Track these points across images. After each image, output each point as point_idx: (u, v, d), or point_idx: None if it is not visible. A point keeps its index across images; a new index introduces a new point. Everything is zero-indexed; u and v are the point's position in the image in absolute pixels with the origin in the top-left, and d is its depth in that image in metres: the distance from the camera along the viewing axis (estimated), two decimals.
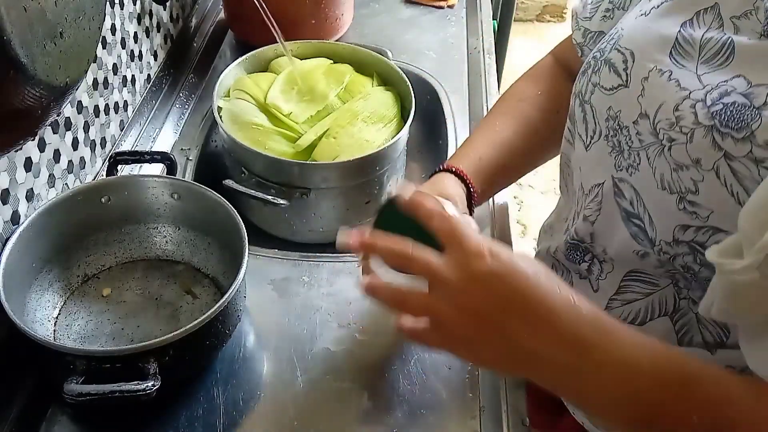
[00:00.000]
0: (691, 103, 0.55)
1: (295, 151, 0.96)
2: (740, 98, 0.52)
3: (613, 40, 0.65)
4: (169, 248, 0.88)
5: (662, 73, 0.58)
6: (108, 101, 0.98)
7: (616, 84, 0.62)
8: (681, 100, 0.56)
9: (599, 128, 0.64)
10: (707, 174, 0.54)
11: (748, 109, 0.51)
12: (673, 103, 0.56)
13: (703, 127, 0.54)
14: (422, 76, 1.22)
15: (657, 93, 0.58)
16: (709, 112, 0.53)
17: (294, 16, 1.18)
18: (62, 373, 0.65)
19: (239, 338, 0.80)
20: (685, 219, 0.56)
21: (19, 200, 0.78)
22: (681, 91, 0.56)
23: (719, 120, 0.53)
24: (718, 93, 0.54)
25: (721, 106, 0.53)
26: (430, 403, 0.75)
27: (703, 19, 0.58)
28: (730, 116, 0.52)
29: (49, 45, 0.60)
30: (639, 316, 0.62)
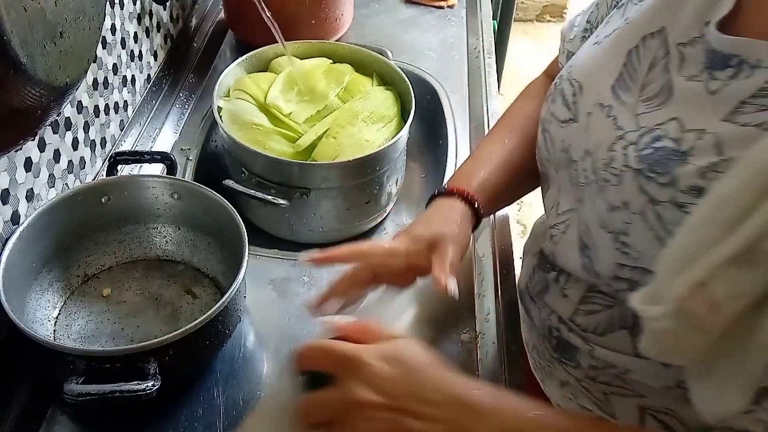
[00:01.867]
0: (624, 144, 0.55)
1: (295, 151, 0.96)
2: (670, 143, 0.52)
3: (568, 70, 0.65)
4: (169, 248, 0.88)
5: (603, 109, 0.58)
6: (108, 101, 0.98)
7: (567, 117, 0.62)
8: (616, 140, 0.56)
9: (558, 158, 0.64)
10: (635, 217, 0.54)
11: (675, 155, 0.52)
12: (609, 143, 0.57)
13: (631, 171, 0.54)
14: (422, 76, 1.22)
15: (598, 131, 0.58)
16: (639, 155, 0.54)
17: (294, 16, 1.18)
18: (62, 373, 0.65)
19: (239, 338, 0.80)
20: (620, 258, 0.56)
21: (19, 200, 0.78)
22: (617, 131, 0.56)
23: (647, 164, 0.53)
24: (650, 137, 0.54)
25: (652, 150, 0.53)
26: None
27: (649, 46, 0.57)
28: (656, 161, 0.52)
29: (49, 45, 0.60)
30: (600, 327, 0.63)
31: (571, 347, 0.66)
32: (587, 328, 0.64)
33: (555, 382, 0.72)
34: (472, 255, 0.92)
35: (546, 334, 0.70)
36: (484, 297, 0.87)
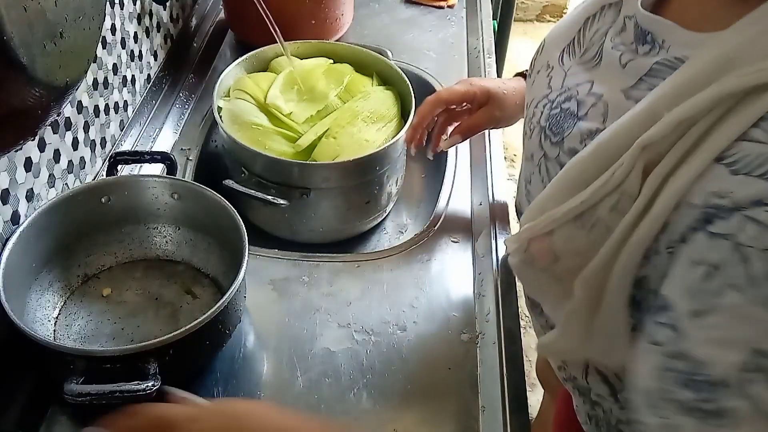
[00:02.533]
0: (545, 103, 0.60)
1: (295, 151, 0.96)
2: (573, 105, 0.56)
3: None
4: (169, 248, 0.88)
5: (546, 69, 0.63)
6: (108, 101, 0.98)
7: (530, 74, 0.68)
8: (541, 98, 0.61)
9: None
10: (534, 168, 0.59)
11: (571, 117, 0.55)
12: (537, 101, 0.61)
13: (538, 127, 0.59)
14: (422, 76, 1.22)
15: (536, 89, 0.63)
16: (548, 115, 0.58)
17: (294, 16, 1.18)
18: (62, 373, 0.65)
19: (239, 338, 0.80)
20: (525, 203, 0.61)
21: (19, 200, 0.78)
22: (545, 90, 0.61)
23: (549, 123, 0.58)
24: (564, 97, 0.57)
25: (558, 110, 0.57)
26: (430, 403, 0.75)
27: (605, 15, 0.59)
28: (557, 121, 0.57)
29: (49, 45, 0.60)
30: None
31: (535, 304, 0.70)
32: None
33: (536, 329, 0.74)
34: (472, 255, 0.92)
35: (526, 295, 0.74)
36: (484, 297, 0.87)
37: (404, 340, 0.81)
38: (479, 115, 0.90)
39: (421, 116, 0.92)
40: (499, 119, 0.91)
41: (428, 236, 0.95)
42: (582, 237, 0.48)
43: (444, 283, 0.88)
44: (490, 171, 1.05)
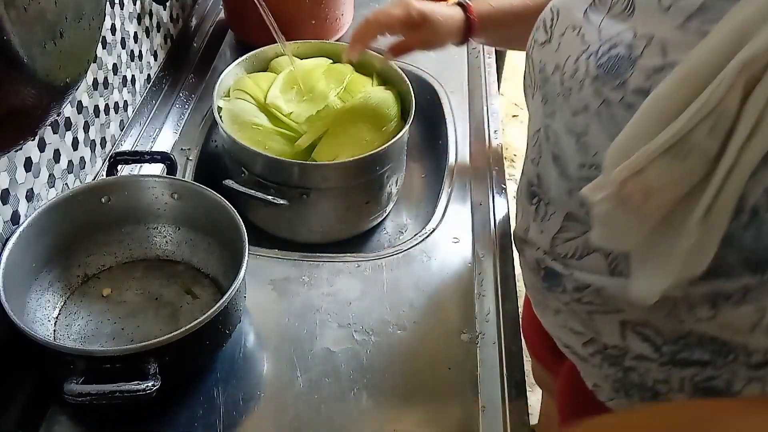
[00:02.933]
0: (587, 55, 0.61)
1: (295, 151, 0.96)
2: (623, 50, 0.57)
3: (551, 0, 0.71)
4: (169, 248, 0.88)
5: (574, 29, 0.64)
6: (108, 101, 0.98)
7: (543, 40, 0.68)
8: (581, 53, 0.62)
9: (536, 80, 0.70)
10: (593, 118, 0.60)
11: (625, 60, 0.57)
12: (575, 56, 0.62)
13: (590, 77, 0.60)
14: (422, 76, 1.22)
15: (567, 48, 0.64)
16: (597, 63, 0.59)
17: (294, 16, 1.18)
18: (62, 373, 0.65)
19: (239, 338, 0.80)
20: (581, 158, 0.62)
21: (19, 200, 0.78)
22: (583, 45, 0.62)
23: (603, 70, 0.59)
24: (608, 45, 0.59)
25: (607, 58, 0.58)
26: (430, 403, 0.75)
27: None
28: (611, 67, 0.58)
29: (49, 45, 0.60)
30: (577, 251, 0.68)
31: (556, 275, 0.72)
32: (566, 255, 0.69)
33: (550, 312, 0.77)
34: (472, 255, 0.92)
35: (536, 268, 0.75)
36: (484, 297, 0.87)
37: (404, 340, 0.81)
38: (413, 38, 0.94)
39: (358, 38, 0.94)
40: (432, 43, 0.95)
41: (428, 236, 0.95)
42: (676, 167, 0.50)
43: (444, 283, 0.88)
44: (490, 171, 1.05)
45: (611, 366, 0.72)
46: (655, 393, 0.71)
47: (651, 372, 0.69)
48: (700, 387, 0.67)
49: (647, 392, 0.71)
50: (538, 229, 0.73)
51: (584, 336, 0.73)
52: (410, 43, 0.94)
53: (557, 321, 0.76)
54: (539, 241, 0.73)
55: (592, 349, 0.73)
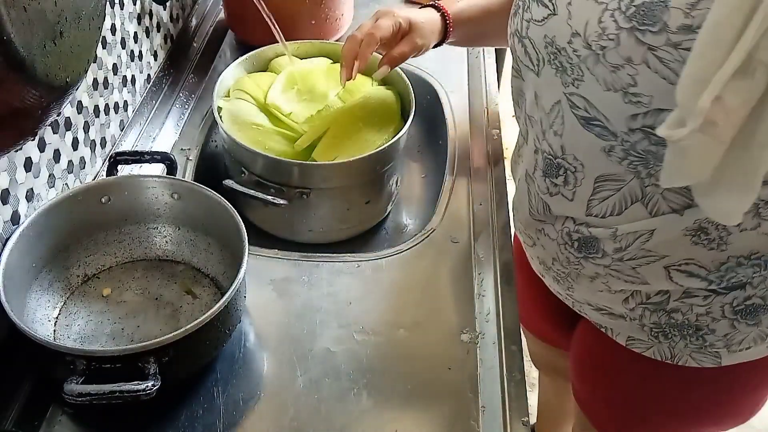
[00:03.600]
0: (610, 12, 0.62)
1: (295, 151, 0.96)
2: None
3: None
4: (169, 248, 0.88)
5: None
6: (108, 101, 0.98)
7: (546, 14, 0.69)
8: (602, 12, 0.63)
9: (541, 56, 0.71)
10: (639, 67, 0.61)
11: (656, 5, 0.59)
12: (596, 17, 0.64)
13: (625, 30, 0.61)
14: (422, 76, 1.22)
15: (581, 13, 0.65)
16: (626, 16, 0.61)
17: (294, 16, 1.18)
18: (62, 373, 0.65)
19: (239, 338, 0.80)
20: (632, 109, 0.63)
21: (19, 200, 0.78)
22: (599, 5, 0.63)
23: (636, 20, 0.60)
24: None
25: (634, 8, 0.60)
26: (430, 403, 0.75)
27: None
28: (644, 15, 0.60)
29: (49, 45, 0.60)
30: (615, 208, 0.72)
31: (593, 240, 0.75)
32: (605, 214, 0.73)
33: (584, 281, 0.81)
34: (472, 255, 0.92)
35: (566, 242, 0.78)
36: (484, 297, 0.87)
37: (404, 340, 0.81)
38: (405, 45, 0.94)
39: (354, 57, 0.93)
40: (420, 47, 0.95)
41: (428, 236, 0.95)
42: (746, 85, 0.53)
43: (444, 283, 0.88)
44: (490, 171, 1.05)
45: (653, 313, 0.79)
46: (697, 328, 0.78)
47: (694, 308, 0.76)
48: (739, 310, 0.75)
49: (689, 329, 0.78)
50: (565, 199, 0.76)
51: (624, 293, 0.79)
52: (404, 52, 0.94)
53: (592, 287, 0.81)
54: (570, 211, 0.76)
55: (633, 303, 0.79)
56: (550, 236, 0.81)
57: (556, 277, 0.85)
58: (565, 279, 0.84)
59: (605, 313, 0.84)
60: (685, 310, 0.77)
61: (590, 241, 0.76)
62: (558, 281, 0.85)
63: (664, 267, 0.73)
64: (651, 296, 0.78)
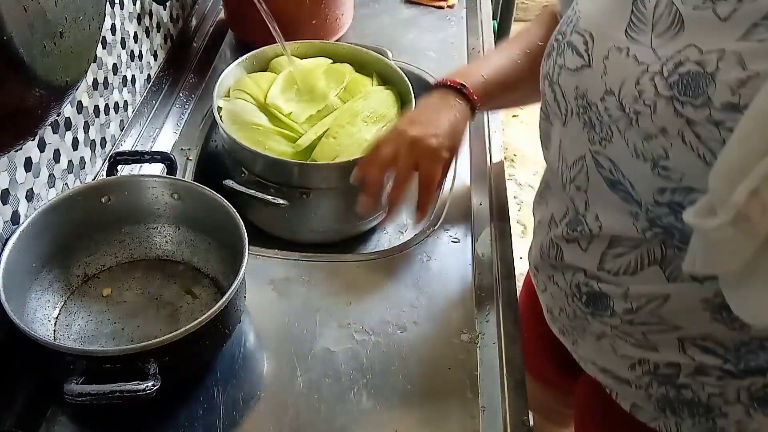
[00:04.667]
0: (650, 76, 0.58)
1: (295, 151, 0.96)
2: (693, 66, 0.55)
3: (572, 23, 0.68)
4: (169, 248, 0.88)
5: (620, 51, 0.61)
6: (108, 101, 0.98)
7: (579, 65, 0.65)
8: (641, 74, 0.59)
9: (570, 106, 0.67)
10: (674, 140, 0.56)
11: (701, 77, 0.54)
12: (634, 78, 0.59)
13: (663, 98, 0.57)
14: (422, 76, 1.22)
15: (618, 70, 0.61)
16: (667, 83, 0.56)
17: (294, 16, 1.18)
18: (62, 373, 0.65)
19: (239, 338, 0.80)
20: (661, 182, 0.59)
21: (19, 200, 0.78)
22: (639, 66, 0.59)
23: (677, 90, 0.56)
24: (673, 64, 0.56)
25: (677, 76, 0.56)
26: (430, 403, 0.75)
27: None
28: (686, 85, 0.55)
29: (49, 45, 0.60)
30: (630, 267, 0.67)
31: (603, 297, 0.70)
32: (618, 271, 0.68)
33: (590, 339, 0.76)
34: (472, 255, 0.92)
35: (574, 294, 0.74)
36: (484, 297, 0.87)
37: (404, 340, 0.81)
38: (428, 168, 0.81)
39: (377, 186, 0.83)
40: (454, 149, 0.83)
41: (428, 236, 0.95)
42: None
43: (444, 283, 0.88)
44: (490, 171, 1.05)
45: (661, 385, 0.72)
46: (708, 408, 0.71)
47: (706, 387, 0.69)
48: (757, 397, 0.68)
49: (699, 408, 0.71)
50: (579, 248, 0.71)
51: (631, 359, 0.73)
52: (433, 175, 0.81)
53: (599, 346, 0.75)
54: (582, 261, 0.71)
55: (641, 371, 0.73)
56: (559, 285, 0.77)
57: (562, 329, 0.81)
58: (570, 333, 0.79)
59: (610, 376, 0.78)
60: (696, 387, 0.70)
61: (600, 297, 0.71)
62: (564, 333, 0.81)
63: (679, 339, 0.68)
64: (660, 367, 0.71)
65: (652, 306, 0.67)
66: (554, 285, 0.77)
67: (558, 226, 0.75)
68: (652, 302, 0.67)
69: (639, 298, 0.67)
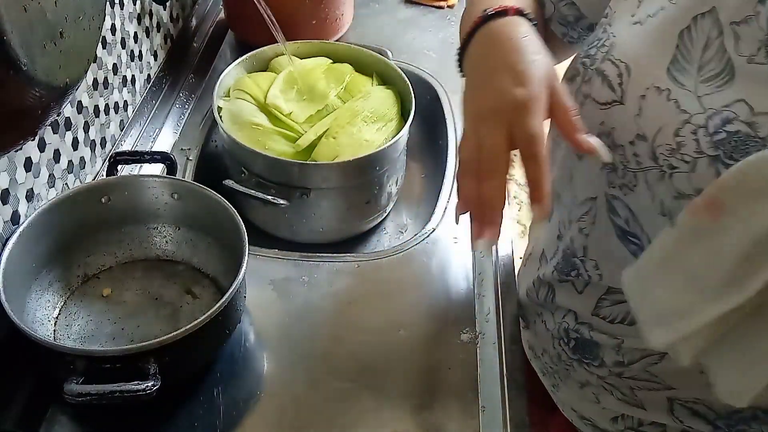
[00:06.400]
0: (692, 128, 0.52)
1: (295, 151, 0.96)
2: (743, 127, 0.50)
3: (605, 49, 0.61)
4: (169, 248, 0.88)
5: (660, 92, 0.55)
6: (108, 101, 0.98)
7: (609, 99, 0.58)
8: (681, 124, 0.53)
9: None
10: None
11: (752, 140, 0.49)
12: (673, 127, 0.53)
13: (706, 157, 0.51)
14: (422, 76, 1.22)
15: (655, 114, 0.55)
16: (713, 140, 0.51)
17: (294, 16, 1.18)
18: (62, 373, 0.65)
19: (239, 338, 0.80)
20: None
21: (19, 200, 0.78)
22: (681, 114, 0.53)
23: (724, 150, 0.50)
24: (720, 119, 0.51)
25: (725, 134, 0.50)
26: (430, 403, 0.75)
27: (701, 26, 0.54)
28: (734, 147, 0.50)
29: (49, 45, 0.60)
30: (628, 317, 0.62)
31: (593, 345, 0.66)
32: (614, 319, 0.63)
33: (572, 385, 0.72)
34: (472, 255, 0.92)
35: (562, 337, 0.70)
36: (484, 297, 0.86)
37: (404, 340, 0.81)
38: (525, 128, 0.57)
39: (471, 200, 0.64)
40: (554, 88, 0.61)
41: (428, 236, 0.95)
42: None
43: (444, 283, 0.88)
44: None
45: None
46: None
47: None
48: None
49: None
50: (574, 290, 0.66)
51: (614, 412, 0.69)
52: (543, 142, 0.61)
53: (581, 394, 0.72)
54: (575, 305, 0.67)
55: (623, 425, 0.69)
56: (546, 325, 0.72)
57: (542, 369, 0.77)
58: (552, 375, 0.75)
59: (589, 425, 0.74)
60: None
61: (589, 345, 0.66)
62: (544, 374, 0.77)
63: (668, 398, 0.64)
64: (644, 424, 0.67)
65: (645, 362, 0.63)
66: (541, 324, 0.74)
67: (548, 263, 0.69)
68: (647, 358, 0.62)
69: (633, 352, 0.63)
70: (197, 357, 0.74)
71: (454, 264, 0.91)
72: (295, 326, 0.82)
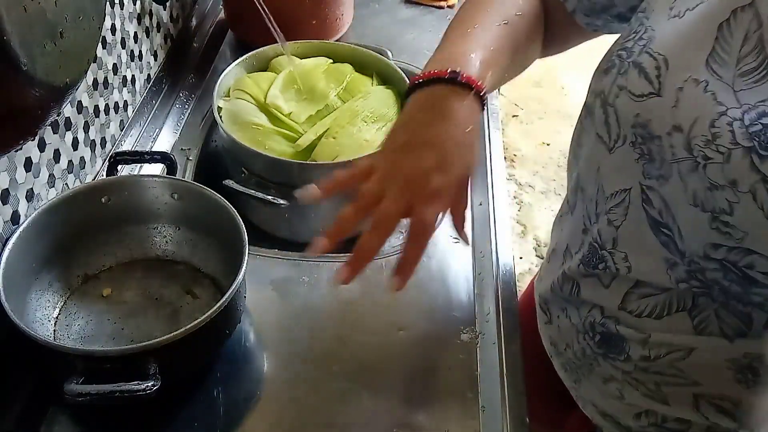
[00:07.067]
0: (728, 120, 0.52)
1: (295, 151, 0.96)
2: None
3: (642, 42, 0.61)
4: (169, 248, 0.88)
5: (698, 84, 0.55)
6: (108, 101, 0.98)
7: (646, 91, 0.59)
8: (717, 116, 0.53)
9: (623, 133, 0.61)
10: (744, 196, 0.51)
11: None
12: (708, 119, 0.53)
13: (741, 148, 0.51)
14: None
15: (692, 106, 0.55)
16: (748, 131, 0.51)
17: (294, 16, 1.18)
18: (62, 373, 0.65)
19: (239, 338, 0.80)
20: (717, 238, 0.54)
21: (19, 200, 0.78)
22: (717, 106, 0.53)
23: (759, 141, 0.50)
24: (756, 113, 0.51)
25: (761, 126, 0.50)
26: (430, 403, 0.75)
27: (741, 19, 0.54)
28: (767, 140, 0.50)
29: (49, 45, 0.60)
30: (656, 310, 0.62)
31: (619, 340, 0.66)
32: (642, 313, 0.63)
33: (596, 380, 0.71)
34: (472, 255, 0.92)
35: (587, 332, 0.69)
36: (484, 297, 0.87)
37: (404, 340, 0.81)
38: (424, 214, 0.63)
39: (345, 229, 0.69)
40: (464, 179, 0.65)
41: None
42: None
43: (444, 283, 0.88)
44: (490, 171, 1.05)
45: None
46: None
47: None
48: None
49: None
50: (600, 284, 0.66)
51: (638, 408, 0.69)
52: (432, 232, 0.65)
53: (603, 389, 0.71)
54: (601, 299, 0.67)
55: (646, 422, 0.69)
56: (571, 319, 0.72)
57: (564, 365, 0.76)
58: (574, 371, 0.75)
59: (610, 421, 0.73)
60: None
61: (615, 339, 0.66)
62: (566, 369, 0.76)
63: (694, 395, 0.64)
64: (668, 420, 0.67)
65: (672, 357, 0.63)
66: (566, 319, 0.73)
67: (572, 258, 0.70)
68: (674, 353, 0.63)
69: (660, 347, 0.63)
70: (197, 357, 0.74)
71: (454, 264, 0.91)
72: (295, 326, 0.82)
